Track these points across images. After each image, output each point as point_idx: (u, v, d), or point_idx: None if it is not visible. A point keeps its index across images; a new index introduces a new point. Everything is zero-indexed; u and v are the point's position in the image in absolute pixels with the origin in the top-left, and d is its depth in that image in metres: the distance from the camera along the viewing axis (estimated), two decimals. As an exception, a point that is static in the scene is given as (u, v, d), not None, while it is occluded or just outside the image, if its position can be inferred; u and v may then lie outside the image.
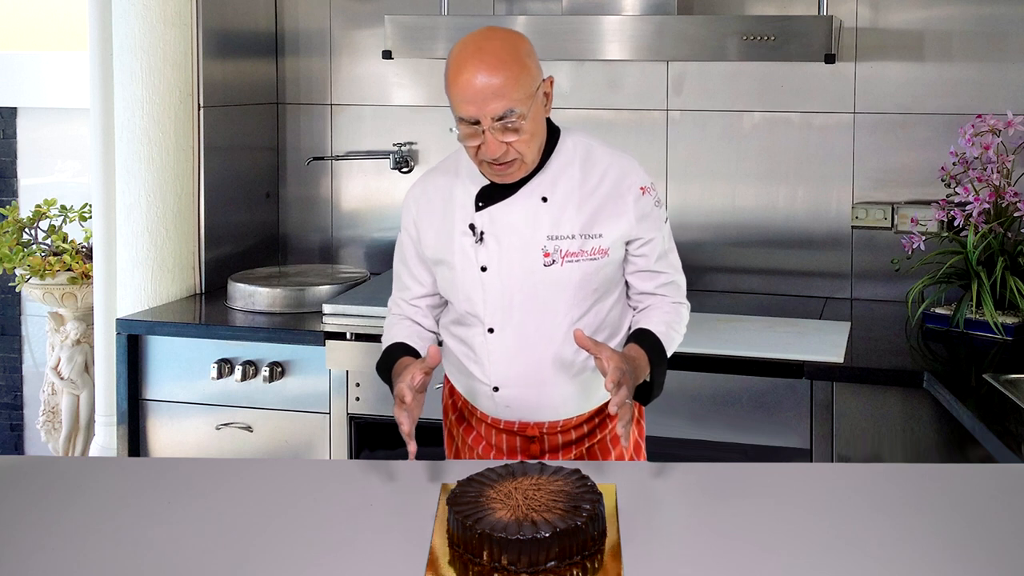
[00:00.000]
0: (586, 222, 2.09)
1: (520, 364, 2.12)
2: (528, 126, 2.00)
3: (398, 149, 3.72)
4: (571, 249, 2.08)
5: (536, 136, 2.04)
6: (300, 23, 3.81)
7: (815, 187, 3.45)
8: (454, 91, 1.99)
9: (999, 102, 3.25)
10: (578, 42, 3.13)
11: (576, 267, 2.08)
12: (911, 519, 1.71)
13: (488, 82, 1.95)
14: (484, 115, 1.97)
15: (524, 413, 2.17)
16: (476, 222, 2.11)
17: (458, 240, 2.12)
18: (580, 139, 2.15)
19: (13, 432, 4.47)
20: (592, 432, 2.23)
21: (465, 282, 2.12)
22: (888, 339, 3.00)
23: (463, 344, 2.18)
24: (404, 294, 2.26)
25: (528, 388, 2.14)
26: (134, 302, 3.36)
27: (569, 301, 2.10)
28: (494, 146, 1.99)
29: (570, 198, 2.09)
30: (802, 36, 2.97)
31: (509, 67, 1.97)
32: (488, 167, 2.05)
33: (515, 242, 2.09)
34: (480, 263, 2.10)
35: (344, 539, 1.66)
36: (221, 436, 3.16)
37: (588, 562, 1.55)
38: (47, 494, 1.82)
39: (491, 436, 2.24)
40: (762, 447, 2.82)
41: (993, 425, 2.32)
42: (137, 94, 3.34)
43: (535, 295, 2.09)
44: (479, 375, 2.16)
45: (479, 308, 2.12)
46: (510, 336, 2.11)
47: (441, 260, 2.15)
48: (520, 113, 1.98)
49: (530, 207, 2.09)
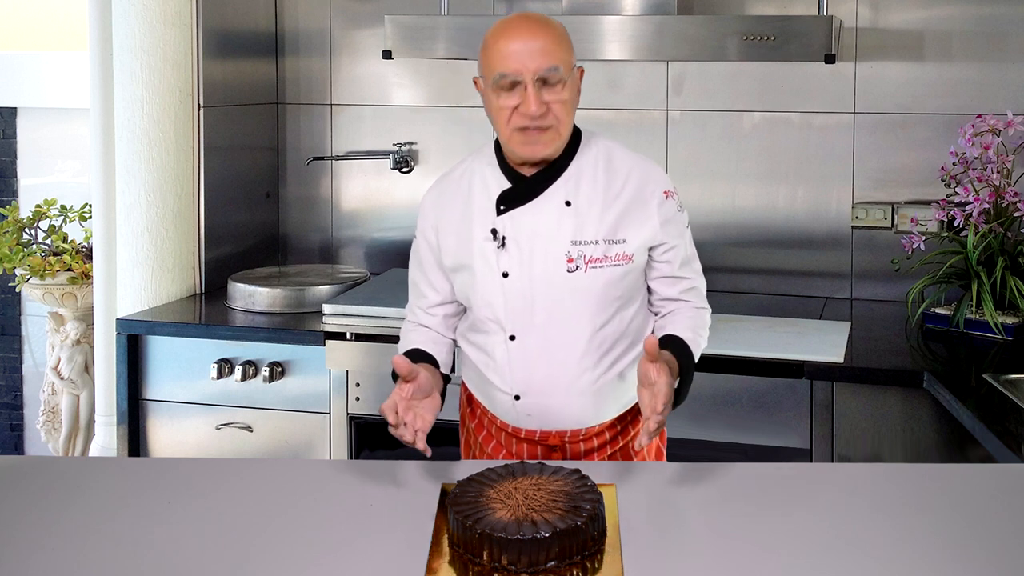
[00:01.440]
0: (610, 227, 2.05)
1: (542, 372, 2.08)
2: (567, 94, 2.01)
3: (398, 149, 3.72)
4: (595, 255, 2.04)
5: (571, 110, 2.03)
6: (300, 23, 3.81)
7: (815, 187, 3.45)
8: (496, 48, 1.98)
9: (999, 102, 3.25)
10: (578, 42, 3.07)
11: (600, 273, 2.04)
12: (911, 519, 1.71)
13: (534, 38, 1.98)
14: (527, 70, 1.96)
15: (546, 422, 2.12)
16: (498, 226, 2.07)
17: (479, 245, 2.08)
18: (602, 142, 2.13)
19: (13, 432, 4.47)
20: (614, 439, 2.18)
21: (486, 288, 2.08)
22: (888, 339, 3.00)
23: (482, 352, 2.14)
24: (421, 302, 2.22)
25: (550, 396, 2.09)
26: (134, 302, 3.36)
27: (593, 308, 2.06)
28: (536, 102, 1.96)
29: (593, 203, 2.06)
30: (802, 36, 2.97)
31: (554, 30, 2.02)
32: (521, 136, 2.00)
33: (538, 247, 2.05)
34: (502, 268, 2.06)
35: (344, 539, 1.66)
36: (221, 436, 3.16)
37: (588, 562, 1.55)
38: (47, 494, 1.82)
39: (511, 445, 2.19)
40: (762, 447, 2.82)
41: (993, 425, 2.32)
42: (137, 94, 3.35)
43: (558, 302, 2.05)
44: (499, 383, 2.12)
45: (500, 314, 2.07)
46: (532, 343, 2.07)
47: (461, 266, 2.11)
48: (563, 72, 1.99)
49: (553, 211, 2.05)
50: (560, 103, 2.00)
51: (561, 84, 2.00)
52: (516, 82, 1.97)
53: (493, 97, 2.01)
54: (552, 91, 1.99)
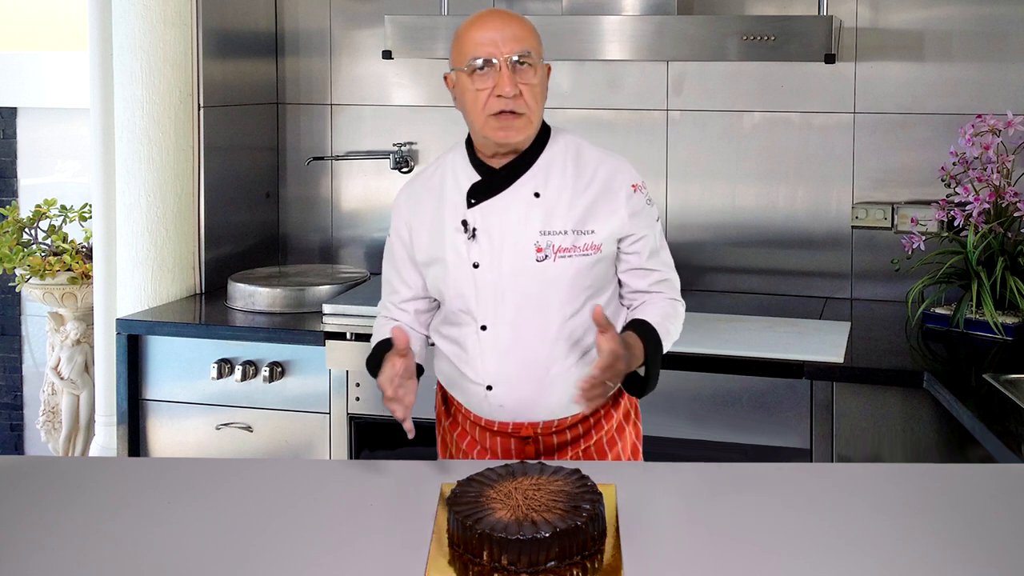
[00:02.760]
0: (579, 218, 2.09)
1: (513, 362, 2.11)
2: (537, 80, 2.08)
3: (398, 149, 3.72)
4: (563, 245, 2.08)
5: (540, 99, 2.11)
6: (300, 23, 3.81)
7: (815, 187, 3.45)
8: (470, 36, 2.07)
9: (999, 102, 3.25)
10: (578, 42, 3.13)
11: (569, 263, 2.08)
12: (911, 519, 1.71)
13: (506, 26, 2.07)
14: (500, 53, 2.04)
15: (518, 413, 2.14)
16: (468, 218, 2.11)
17: (450, 237, 2.12)
18: (570, 138, 2.18)
19: (13, 432, 4.47)
20: (588, 433, 2.21)
21: (458, 279, 2.11)
22: (888, 339, 3.00)
23: (455, 344, 2.17)
24: (393, 297, 2.26)
25: (522, 386, 2.12)
26: (134, 302, 3.36)
27: (563, 298, 2.09)
28: (510, 82, 2.04)
29: (562, 194, 2.10)
30: (802, 36, 2.97)
31: (525, 21, 2.13)
32: (495, 120, 2.06)
33: (508, 238, 2.09)
34: (472, 259, 2.10)
35: (344, 539, 1.66)
36: (221, 436, 3.16)
37: (588, 562, 1.55)
38: (47, 494, 1.82)
39: (485, 440, 2.21)
40: (762, 447, 2.82)
41: (993, 425, 2.32)
42: (137, 94, 3.35)
43: (528, 291, 2.09)
44: (471, 375, 2.14)
45: (472, 305, 2.11)
46: (503, 333, 2.10)
47: (434, 259, 2.15)
48: (534, 57, 2.07)
49: (522, 202, 2.10)
50: (530, 88, 2.07)
51: (532, 70, 2.07)
52: (490, 65, 2.05)
53: (468, 83, 2.08)
54: (523, 75, 2.06)
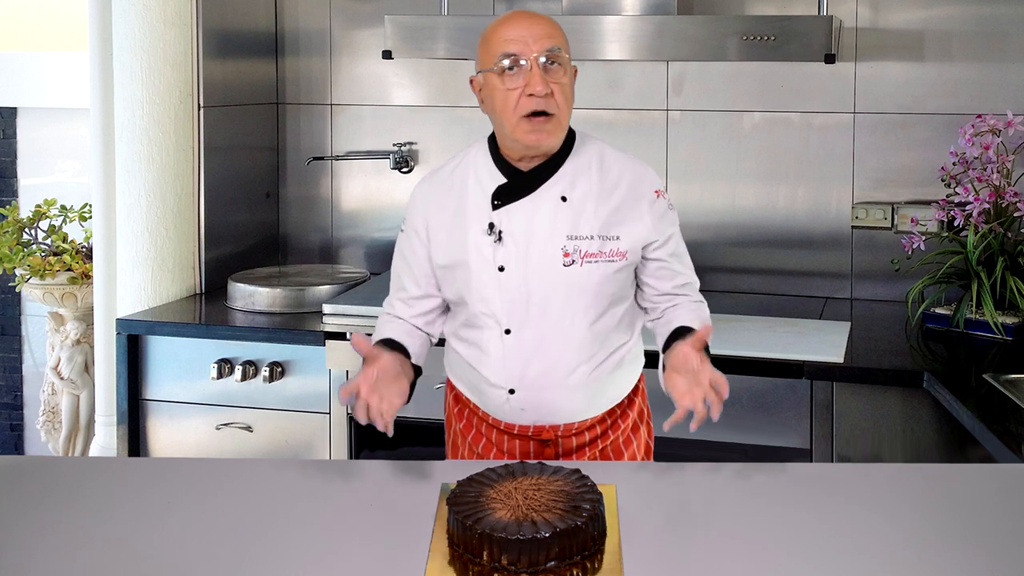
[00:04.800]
0: (604, 223, 2.08)
1: (537, 365, 2.10)
2: (567, 79, 2.06)
3: (398, 149, 3.72)
4: (590, 250, 2.07)
5: (570, 99, 2.08)
6: (300, 23, 3.81)
7: (815, 187, 3.45)
8: (498, 35, 2.04)
9: (999, 102, 3.25)
10: (578, 42, 3.12)
11: (595, 268, 2.07)
12: (911, 519, 1.71)
13: (536, 24, 2.05)
14: (531, 51, 2.01)
15: (540, 416, 2.14)
16: (494, 220, 2.08)
17: (474, 239, 2.09)
18: (595, 142, 2.17)
19: (13, 432, 4.47)
20: (605, 433, 2.20)
21: (481, 282, 2.09)
22: (888, 339, 3.00)
23: (475, 347, 2.15)
24: (401, 294, 2.23)
25: (544, 390, 2.11)
26: (134, 302, 3.36)
27: (588, 302, 2.08)
28: (540, 81, 2.00)
29: (588, 198, 2.08)
30: (802, 36, 2.97)
31: (553, 22, 2.09)
32: (527, 123, 2.02)
33: (534, 241, 2.07)
34: (498, 263, 2.07)
35: (344, 539, 1.66)
36: (221, 436, 3.16)
37: (588, 562, 1.55)
38: (47, 494, 1.82)
39: (503, 443, 2.20)
40: (762, 447, 2.82)
41: (993, 425, 2.32)
42: (137, 94, 3.35)
43: (554, 295, 2.07)
44: (493, 378, 2.13)
45: (496, 308, 2.09)
46: (527, 337, 2.09)
47: (455, 262, 2.11)
48: (565, 55, 2.04)
49: (550, 206, 2.08)
50: (561, 88, 2.04)
51: (562, 70, 2.05)
52: (519, 65, 2.01)
53: (497, 83, 2.04)
54: (554, 75, 2.03)
